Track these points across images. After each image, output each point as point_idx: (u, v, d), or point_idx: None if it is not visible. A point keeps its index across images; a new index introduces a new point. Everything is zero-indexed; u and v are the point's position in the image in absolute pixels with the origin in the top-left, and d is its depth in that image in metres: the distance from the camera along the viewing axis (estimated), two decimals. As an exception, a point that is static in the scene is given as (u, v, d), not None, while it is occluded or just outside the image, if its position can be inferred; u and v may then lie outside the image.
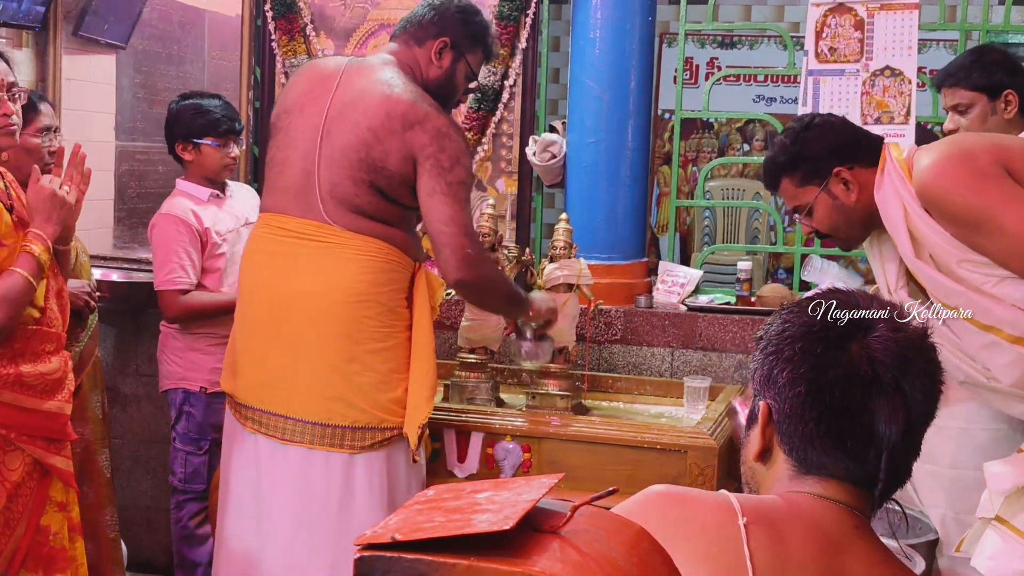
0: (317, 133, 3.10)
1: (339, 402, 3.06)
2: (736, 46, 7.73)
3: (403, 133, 3.03)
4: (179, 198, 3.97)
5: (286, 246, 3.11)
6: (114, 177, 5.59)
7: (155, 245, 3.93)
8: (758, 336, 1.65)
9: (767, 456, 1.62)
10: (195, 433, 3.96)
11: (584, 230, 4.08)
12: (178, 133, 3.97)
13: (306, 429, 3.08)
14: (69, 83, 4.98)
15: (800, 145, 2.85)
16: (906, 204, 2.68)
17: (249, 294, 3.20)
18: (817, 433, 1.54)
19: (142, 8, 5.50)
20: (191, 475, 3.97)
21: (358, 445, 3.08)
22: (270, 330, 3.12)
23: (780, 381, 1.56)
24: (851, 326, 1.56)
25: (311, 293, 3.05)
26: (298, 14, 4.75)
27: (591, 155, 4.30)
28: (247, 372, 3.18)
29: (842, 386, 1.53)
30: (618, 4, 4.25)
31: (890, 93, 3.98)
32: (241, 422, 3.18)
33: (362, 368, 3.07)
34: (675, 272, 4.38)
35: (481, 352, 3.69)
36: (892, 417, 1.52)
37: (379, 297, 3.07)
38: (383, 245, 3.08)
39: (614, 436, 3.28)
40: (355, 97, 3.10)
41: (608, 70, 4.26)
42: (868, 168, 2.79)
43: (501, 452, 3.35)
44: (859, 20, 4.01)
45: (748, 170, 7.64)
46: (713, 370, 4.07)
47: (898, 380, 1.53)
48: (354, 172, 3.05)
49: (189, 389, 3.96)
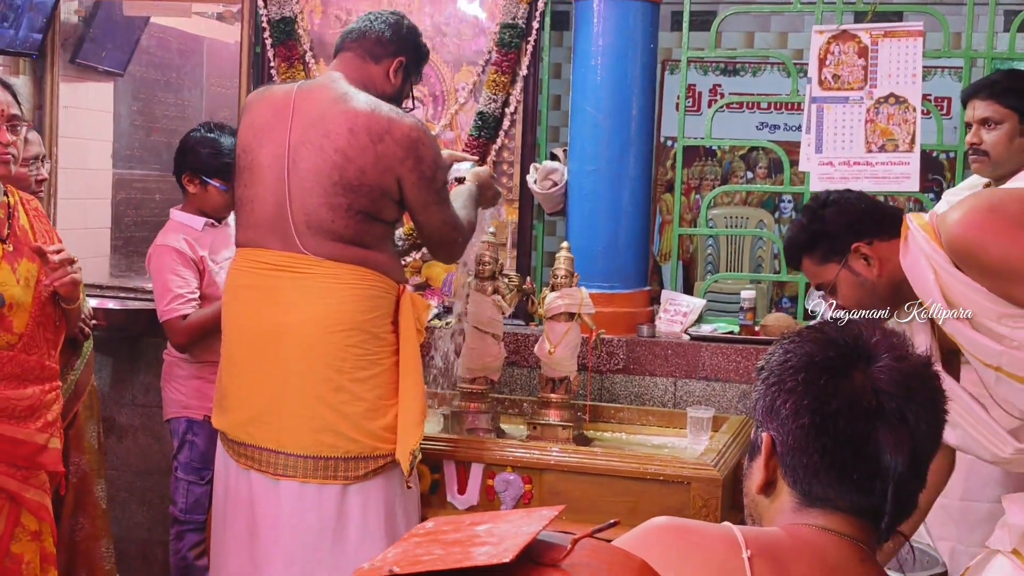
0: (282, 164, 3.10)
1: (329, 433, 3.06)
2: (739, 73, 7.75)
3: (374, 147, 3.04)
4: (173, 229, 3.98)
5: (265, 279, 3.12)
6: (111, 205, 5.60)
7: (153, 277, 3.94)
8: (760, 366, 1.65)
9: (770, 488, 1.61)
10: (198, 463, 3.95)
11: (585, 258, 4.09)
12: (189, 164, 3.96)
13: (298, 463, 3.08)
14: (66, 111, 5.00)
15: (818, 224, 2.83)
16: (935, 266, 2.62)
17: (232, 329, 3.21)
18: (821, 465, 1.54)
19: (140, 35, 5.53)
20: (192, 505, 3.96)
21: (351, 475, 3.08)
22: (255, 364, 3.13)
23: (783, 412, 1.56)
24: (854, 355, 1.56)
25: (293, 325, 3.05)
26: (297, 41, 4.76)
27: (592, 183, 4.31)
28: (235, 408, 3.18)
29: (846, 417, 1.52)
30: (620, 31, 4.26)
31: (894, 121, 3.99)
32: (234, 458, 3.18)
33: (350, 397, 3.06)
34: (678, 301, 4.38)
35: (481, 382, 3.68)
36: (897, 448, 1.52)
37: (363, 325, 3.07)
38: (365, 272, 3.08)
39: (616, 467, 3.27)
40: (313, 121, 3.10)
41: (610, 97, 4.28)
42: (889, 241, 2.75)
43: (502, 483, 3.35)
44: (863, 47, 4.02)
45: (751, 198, 7.66)
46: (716, 400, 4.06)
47: (903, 410, 1.52)
48: (329, 198, 3.05)
49: (192, 418, 3.95)
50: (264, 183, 3.13)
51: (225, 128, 4.06)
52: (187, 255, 3.89)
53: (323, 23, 4.78)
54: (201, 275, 3.93)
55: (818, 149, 4.08)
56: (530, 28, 4.51)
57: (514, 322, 4.33)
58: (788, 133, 7.32)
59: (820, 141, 4.07)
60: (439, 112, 4.68)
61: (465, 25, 4.62)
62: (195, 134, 4.01)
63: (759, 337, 4.19)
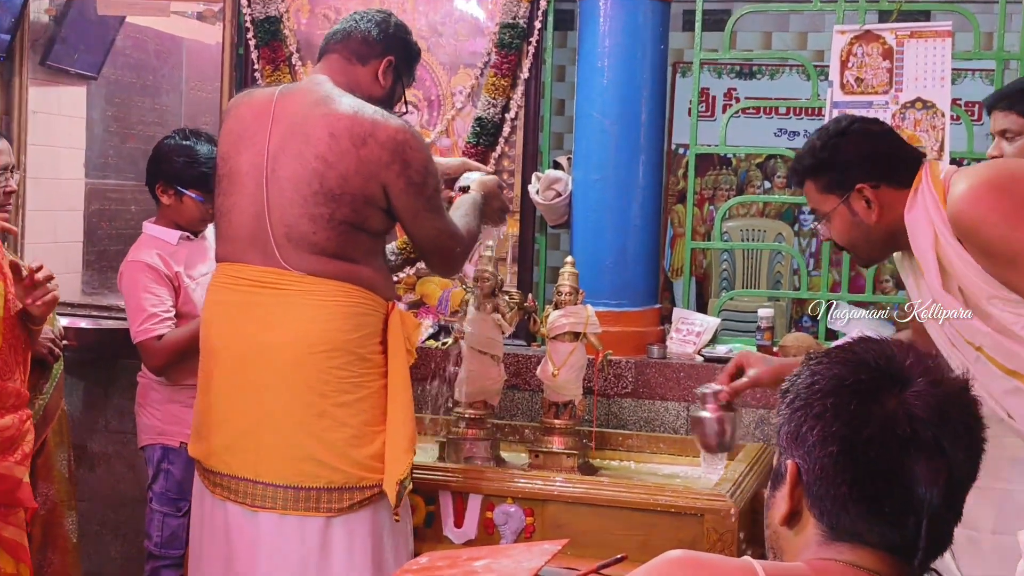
0: (261, 172, 3.09)
1: (310, 462, 3.03)
2: (755, 76, 7.77)
3: (356, 151, 3.02)
4: (145, 244, 3.98)
5: (244, 295, 3.11)
6: (83, 217, 5.61)
7: (125, 296, 3.93)
8: (784, 389, 1.64)
9: (795, 520, 1.60)
10: (174, 493, 3.94)
11: (591, 274, 4.09)
12: (163, 174, 3.96)
13: (277, 493, 3.05)
14: (36, 116, 5.00)
15: (828, 151, 2.88)
16: (937, 231, 2.69)
17: (209, 349, 3.20)
18: (851, 497, 1.53)
19: (115, 36, 5.54)
20: (168, 539, 3.94)
21: (335, 507, 3.05)
22: (233, 387, 3.11)
23: (810, 439, 1.55)
24: (887, 379, 1.55)
25: (273, 345, 3.04)
26: (283, 42, 4.77)
27: (598, 193, 4.31)
28: (211, 435, 3.16)
29: (878, 445, 1.52)
30: (628, 31, 4.27)
31: (922, 127, 3.99)
32: (210, 489, 3.16)
33: (333, 424, 3.04)
34: (690, 320, 4.38)
35: (480, 406, 3.68)
36: (933, 479, 1.51)
37: (348, 345, 3.05)
38: (350, 288, 3.06)
39: (624, 498, 3.26)
40: (293, 126, 3.10)
41: (617, 102, 4.28)
42: (898, 189, 2.80)
43: (501, 516, 3.34)
44: (888, 48, 4.03)
45: (769, 209, 7.67)
46: (732, 426, 4.05)
47: (938, 438, 1.52)
48: (310, 208, 3.03)
49: (168, 445, 3.94)
50: (243, 192, 3.13)
51: (202, 135, 4.05)
52: (161, 271, 3.89)
53: (310, 23, 4.79)
54: (176, 292, 3.92)
55: (840, 157, 4.07)
56: (532, 28, 4.52)
57: (515, 342, 4.32)
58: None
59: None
60: (434, 118, 4.69)
61: (462, 25, 4.63)
62: (169, 141, 4.01)
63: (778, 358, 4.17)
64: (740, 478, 3.35)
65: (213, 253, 4.00)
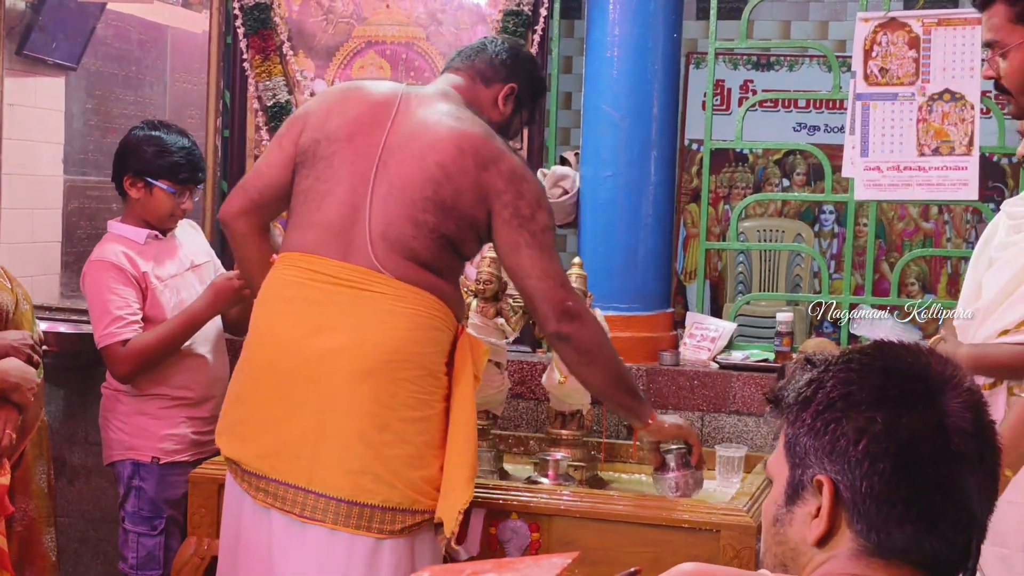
0: (371, 165, 3.10)
1: (367, 476, 3.00)
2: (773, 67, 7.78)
3: (478, 173, 3.07)
4: (111, 242, 3.96)
5: (315, 291, 3.08)
6: (62, 216, 5.62)
7: (88, 298, 3.92)
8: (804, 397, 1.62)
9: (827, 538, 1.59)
10: (147, 511, 3.92)
11: (600, 276, 4.09)
12: (132, 166, 3.95)
13: (329, 506, 3.01)
14: (12, 109, 5.01)
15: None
16: None
17: (261, 346, 3.15)
18: (907, 516, 1.53)
19: (95, 24, 5.55)
20: (145, 560, 3.93)
21: (387, 529, 3.02)
22: (291, 389, 3.06)
23: (853, 455, 1.54)
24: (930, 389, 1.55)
25: (343, 347, 3.01)
26: (273, 30, 4.78)
27: (608, 191, 4.32)
28: (258, 437, 3.11)
29: (932, 461, 1.52)
30: (639, 19, 4.28)
31: (950, 120, 4.00)
32: (252, 494, 3.11)
33: (395, 439, 3.01)
34: (705, 325, 4.39)
35: (483, 416, 3.69)
36: (983, 494, 1.53)
37: (420, 359, 3.04)
38: (430, 298, 3.07)
39: (635, 513, 3.26)
40: (417, 128, 3.13)
41: (627, 94, 4.29)
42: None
43: (506, 532, 3.34)
44: (914, 37, 4.04)
45: (788, 208, 7.67)
46: (749, 437, 4.06)
47: (981, 451, 1.53)
48: (416, 212, 3.05)
49: (138, 460, 3.92)
50: (342, 180, 3.12)
51: (171, 127, 4.07)
52: (127, 271, 3.87)
53: (302, 10, 4.81)
54: (144, 294, 3.90)
55: (863, 152, 4.09)
56: (537, 16, 4.53)
57: (519, 348, 4.33)
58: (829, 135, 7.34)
59: (866, 143, 4.08)
60: (434, 111, 4.69)
61: (463, 12, 4.65)
62: (137, 132, 4.02)
63: (799, 365, 4.18)
64: (758, 492, 3.36)
65: (184, 252, 4.03)
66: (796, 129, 7.62)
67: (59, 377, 4.57)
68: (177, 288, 3.97)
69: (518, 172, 3.12)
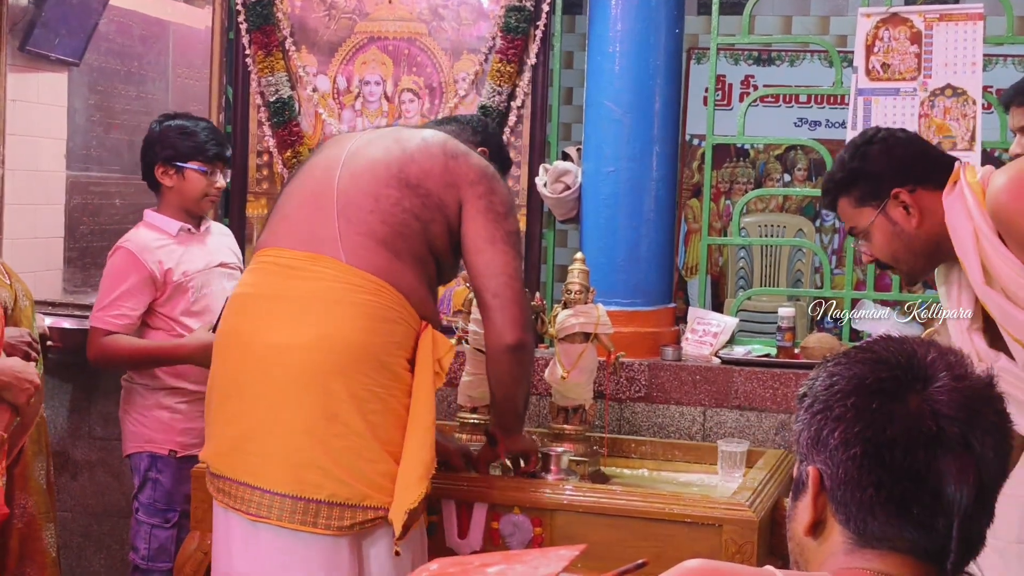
0: (339, 161, 3.13)
1: (312, 470, 2.94)
2: (775, 62, 7.78)
3: (446, 160, 3.10)
4: (143, 230, 4.02)
5: (270, 286, 3.08)
6: (64, 212, 5.62)
7: (104, 276, 3.99)
8: (802, 393, 1.65)
9: (819, 529, 1.61)
10: (163, 503, 3.95)
11: (602, 272, 4.10)
12: (160, 154, 4.01)
13: (274, 502, 2.96)
14: (14, 104, 5.02)
15: (859, 161, 2.92)
16: (977, 228, 2.74)
17: (222, 346, 3.15)
18: (877, 500, 1.54)
19: (98, 20, 5.55)
20: (156, 552, 3.95)
21: (335, 525, 2.95)
22: (244, 386, 3.04)
23: (831, 443, 1.57)
24: (909, 376, 1.56)
25: (292, 341, 2.98)
26: (276, 26, 4.79)
27: (610, 186, 4.32)
28: (218, 436, 3.11)
29: (903, 445, 1.53)
30: (641, 15, 4.28)
31: (952, 115, 4.00)
32: (213, 494, 3.10)
33: (345, 430, 2.94)
34: (707, 320, 4.39)
35: (484, 411, 3.69)
36: (962, 478, 1.52)
37: (371, 348, 2.98)
38: (387, 289, 3.02)
39: (638, 508, 3.26)
40: (386, 133, 3.24)
41: (629, 90, 4.29)
42: (934, 191, 2.85)
43: (508, 526, 3.34)
44: (916, 32, 4.04)
45: (789, 203, 7.67)
46: (751, 432, 4.07)
47: (966, 435, 1.53)
48: (380, 188, 3.06)
49: (156, 453, 3.96)
50: (306, 180, 3.18)
51: (190, 116, 4.16)
52: (150, 271, 3.92)
53: (305, 6, 4.81)
54: (164, 288, 3.95)
55: (865, 148, 4.09)
56: (539, 11, 4.53)
57: (521, 344, 4.33)
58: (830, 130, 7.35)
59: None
60: (436, 106, 4.71)
61: (465, 8, 4.65)
62: (156, 124, 4.09)
63: (799, 360, 4.19)
64: (760, 486, 3.36)
65: (213, 248, 4.10)
66: (797, 124, 7.62)
67: (62, 372, 4.58)
68: (201, 283, 4.02)
69: (489, 171, 3.16)
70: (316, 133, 4.81)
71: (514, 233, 3.15)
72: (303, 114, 4.83)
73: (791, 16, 7.60)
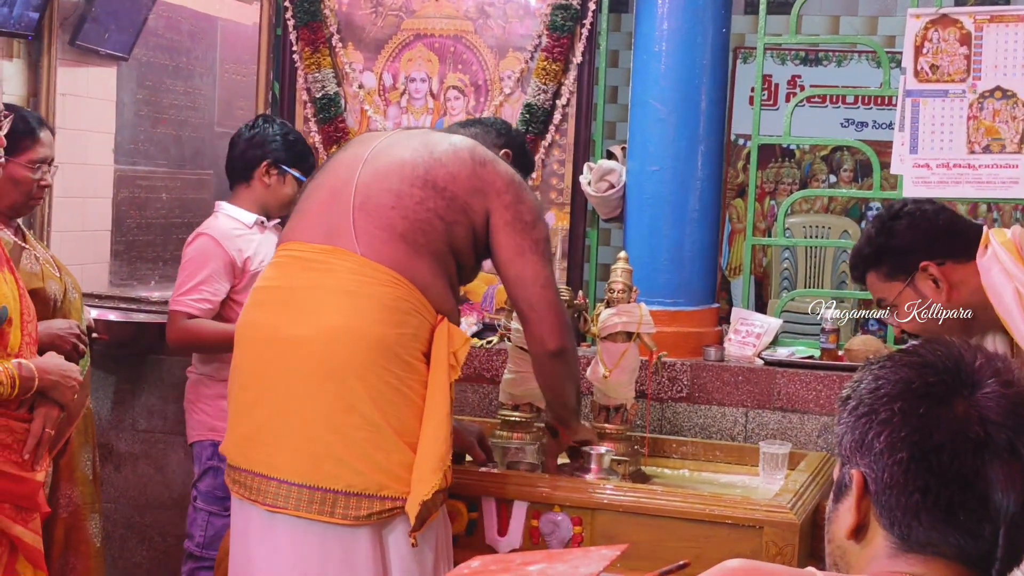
0: (359, 161, 3.13)
1: (329, 460, 2.94)
2: (822, 62, 7.73)
3: (474, 166, 3.10)
4: (222, 218, 4.11)
5: (289, 278, 3.10)
6: (112, 205, 5.66)
7: (185, 261, 4.05)
8: (845, 395, 1.64)
9: (862, 533, 1.61)
10: (221, 492, 3.98)
11: (646, 271, 4.09)
12: (271, 154, 4.11)
13: (291, 492, 2.95)
14: (64, 99, 5.06)
15: (885, 236, 2.96)
16: (1018, 286, 2.72)
17: (243, 336, 3.17)
18: (923, 505, 1.53)
19: (147, 15, 5.59)
20: (211, 539, 3.98)
21: (351, 515, 2.94)
22: (260, 377, 3.06)
23: (876, 446, 1.56)
24: (956, 381, 1.56)
25: (306, 329, 3.00)
26: (323, 23, 4.81)
27: (654, 185, 4.31)
28: (236, 427, 3.12)
29: (951, 450, 1.52)
30: (687, 14, 4.27)
31: (1001, 118, 3.97)
32: (230, 486, 3.12)
33: (360, 421, 2.94)
34: (750, 321, 4.38)
35: (526, 409, 3.69)
36: (1009, 484, 1.52)
37: (387, 340, 2.98)
38: (404, 283, 3.02)
39: (679, 508, 3.26)
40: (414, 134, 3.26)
41: (675, 89, 4.28)
42: (964, 264, 2.86)
43: (548, 525, 3.34)
44: (965, 34, 4.01)
45: (834, 204, 7.63)
46: (794, 434, 4.05)
47: (1013, 442, 1.52)
48: (403, 187, 3.05)
49: (218, 441, 3.98)
50: (330, 173, 3.19)
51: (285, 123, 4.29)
52: (231, 257, 4.01)
53: (352, 3, 4.83)
54: (242, 276, 4.04)
55: (913, 149, 4.07)
56: (585, 10, 4.53)
57: (564, 342, 4.33)
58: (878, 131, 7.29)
59: (915, 140, 4.06)
60: (481, 104, 4.71)
61: (512, 5, 4.65)
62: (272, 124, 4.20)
63: (843, 363, 4.17)
64: (802, 488, 3.35)
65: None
66: (844, 125, 7.58)
67: (108, 364, 4.61)
68: None
69: (516, 179, 3.16)
70: (362, 129, 4.83)
71: (543, 241, 3.15)
72: (349, 110, 4.85)
73: (839, 16, 7.56)
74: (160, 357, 4.42)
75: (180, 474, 4.66)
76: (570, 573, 1.10)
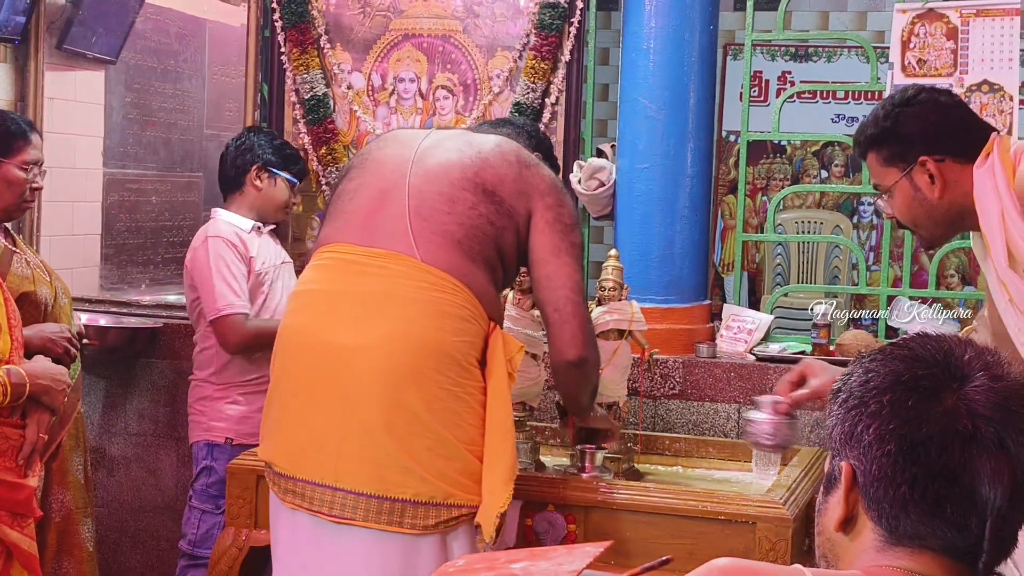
0: (408, 157, 3.11)
1: (395, 469, 2.90)
2: (811, 58, 7.74)
3: (520, 168, 3.10)
4: (221, 223, 4.12)
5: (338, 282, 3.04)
6: (101, 209, 5.66)
7: (202, 271, 4.03)
8: (836, 389, 1.65)
9: (850, 525, 1.61)
10: (215, 490, 4.01)
11: (637, 268, 4.10)
12: (261, 157, 4.16)
13: (359, 503, 2.91)
14: (52, 102, 5.06)
15: (891, 121, 2.90)
16: (1004, 209, 2.70)
17: (286, 342, 3.10)
18: (910, 498, 1.54)
19: (135, 18, 5.59)
20: (203, 537, 4.01)
21: (420, 524, 2.92)
22: (315, 384, 2.98)
23: (865, 439, 1.57)
24: (945, 375, 1.56)
25: (366, 339, 2.94)
26: (311, 24, 4.81)
27: (645, 183, 4.31)
28: (285, 436, 3.04)
29: (939, 443, 1.53)
30: (676, 11, 4.27)
31: (988, 111, 3.98)
32: (280, 496, 3.05)
33: (423, 429, 2.90)
34: (742, 317, 4.38)
35: (519, 408, 3.69)
36: (996, 478, 1.52)
37: (446, 347, 2.94)
38: (460, 288, 2.98)
39: (672, 505, 3.26)
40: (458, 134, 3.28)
41: (664, 86, 4.28)
42: (963, 164, 2.83)
43: (542, 523, 3.34)
44: (952, 28, 4.02)
45: (826, 200, 7.64)
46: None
47: (1001, 436, 1.53)
48: (455, 191, 3.03)
49: (213, 441, 4.05)
50: (375, 173, 3.14)
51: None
52: (240, 248, 4.05)
53: (340, 3, 4.83)
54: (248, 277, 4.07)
55: (902, 144, 4.07)
56: (573, 8, 4.53)
57: (555, 341, 4.33)
58: (868, 126, 7.29)
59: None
60: (471, 103, 4.71)
61: (500, 5, 4.66)
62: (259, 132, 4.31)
63: (834, 358, 4.18)
64: (794, 484, 3.36)
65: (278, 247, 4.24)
66: (834, 120, 7.58)
67: (99, 369, 4.61)
68: (274, 277, 4.14)
69: (558, 184, 3.18)
70: (351, 130, 4.83)
71: (578, 246, 3.14)
72: (338, 111, 4.85)
73: (828, 12, 7.57)
74: (151, 361, 4.43)
75: (172, 477, 4.67)
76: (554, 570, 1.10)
